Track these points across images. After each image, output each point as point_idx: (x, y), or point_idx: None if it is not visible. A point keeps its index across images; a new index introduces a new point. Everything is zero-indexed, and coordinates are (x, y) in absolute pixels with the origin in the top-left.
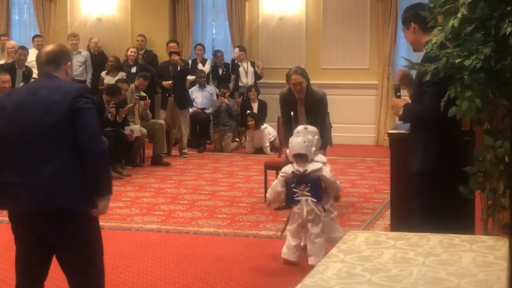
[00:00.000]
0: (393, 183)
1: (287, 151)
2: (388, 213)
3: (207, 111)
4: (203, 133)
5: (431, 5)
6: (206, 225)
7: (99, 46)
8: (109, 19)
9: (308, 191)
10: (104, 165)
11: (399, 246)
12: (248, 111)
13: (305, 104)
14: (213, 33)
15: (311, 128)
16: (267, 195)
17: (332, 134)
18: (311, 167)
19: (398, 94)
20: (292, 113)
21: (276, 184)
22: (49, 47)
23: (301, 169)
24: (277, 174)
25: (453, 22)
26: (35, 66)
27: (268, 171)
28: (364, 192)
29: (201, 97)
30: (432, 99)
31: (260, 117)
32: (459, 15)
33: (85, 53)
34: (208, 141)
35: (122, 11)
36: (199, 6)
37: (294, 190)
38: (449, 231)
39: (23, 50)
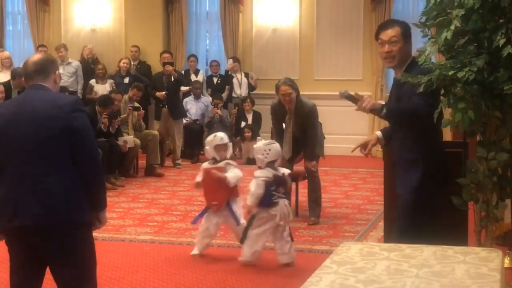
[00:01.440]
0: (386, 194)
1: (259, 157)
2: (381, 224)
3: (200, 121)
4: (197, 144)
5: (424, 18)
6: None
7: (93, 53)
8: (103, 29)
9: (284, 194)
10: (102, 180)
11: (393, 257)
12: (245, 123)
13: (295, 115)
14: (207, 44)
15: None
16: (249, 201)
17: (325, 145)
18: (285, 171)
19: (356, 96)
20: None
21: (257, 188)
22: (35, 57)
23: (279, 173)
24: (310, 184)
25: (446, 34)
26: None
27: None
28: (357, 203)
29: (195, 108)
30: (420, 97)
31: (255, 128)
32: (452, 27)
33: (75, 63)
34: (201, 152)
35: (116, 21)
36: (193, 17)
37: (273, 192)
38: (442, 243)
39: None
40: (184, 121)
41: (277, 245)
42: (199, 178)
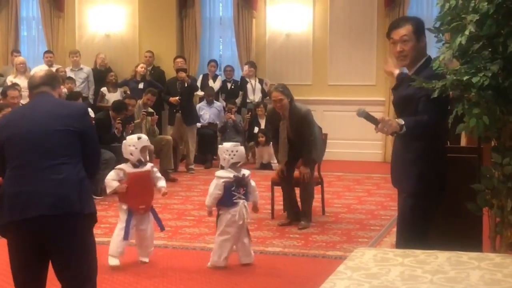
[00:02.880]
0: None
1: (225, 157)
2: (395, 230)
3: (213, 126)
4: (210, 149)
5: (438, 23)
6: (213, 241)
7: (105, 62)
8: (117, 35)
9: (244, 195)
10: (95, 178)
11: (407, 263)
12: (259, 128)
13: (289, 121)
14: (220, 50)
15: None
16: (207, 201)
17: (339, 151)
18: (246, 172)
19: (374, 117)
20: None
21: (215, 189)
22: (40, 72)
23: (240, 174)
24: (284, 189)
25: (461, 39)
26: None
27: (275, 187)
28: (371, 209)
29: (208, 113)
30: (434, 113)
31: (269, 133)
32: (467, 32)
33: (87, 69)
34: (214, 157)
35: (130, 27)
36: (207, 22)
37: (233, 193)
38: (457, 249)
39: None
40: (198, 125)
41: (238, 245)
42: (115, 184)
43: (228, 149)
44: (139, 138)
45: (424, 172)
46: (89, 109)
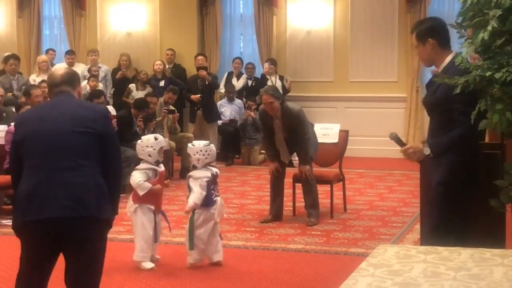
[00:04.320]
0: (422, 196)
1: (199, 157)
2: (417, 227)
3: (235, 123)
4: (231, 147)
5: (460, 18)
6: (234, 238)
7: (128, 64)
8: (138, 33)
9: (217, 192)
10: (120, 186)
11: (430, 260)
12: None
13: (282, 121)
14: (241, 47)
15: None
16: (196, 200)
17: (360, 147)
18: (216, 170)
19: (403, 142)
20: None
21: (203, 190)
22: (61, 70)
23: (214, 172)
24: (275, 187)
25: (483, 35)
26: None
27: (296, 184)
28: (393, 206)
29: (229, 110)
30: (466, 117)
31: None
32: (489, 27)
33: (105, 68)
34: (236, 156)
35: (151, 25)
36: (227, 20)
37: (212, 191)
38: (479, 246)
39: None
40: (219, 122)
41: (212, 242)
42: (149, 184)
43: (202, 149)
44: (156, 139)
45: (455, 161)
46: (110, 107)
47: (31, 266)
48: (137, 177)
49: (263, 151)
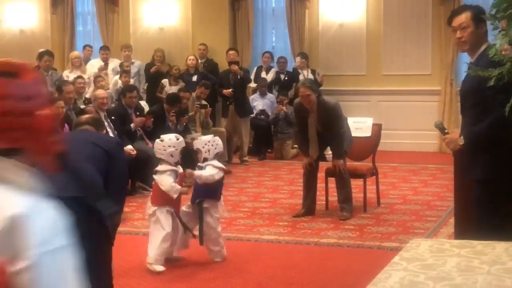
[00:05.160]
0: (456, 190)
1: (210, 148)
2: (452, 221)
3: (267, 118)
4: (264, 141)
5: (494, 10)
6: (267, 232)
7: (162, 60)
8: (171, 28)
9: None
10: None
11: (464, 254)
12: None
13: (317, 115)
14: (273, 41)
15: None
16: (209, 176)
17: (394, 141)
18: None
19: (446, 131)
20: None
21: (216, 175)
22: (86, 115)
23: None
24: (308, 182)
25: None
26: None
27: (329, 178)
28: (427, 200)
29: (262, 104)
30: (500, 107)
31: None
32: None
33: (138, 63)
34: (269, 150)
35: (184, 20)
36: (259, 14)
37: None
38: None
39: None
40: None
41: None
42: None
43: (210, 140)
44: (178, 139)
45: (494, 158)
46: (143, 102)
47: None
48: (168, 180)
49: (296, 146)
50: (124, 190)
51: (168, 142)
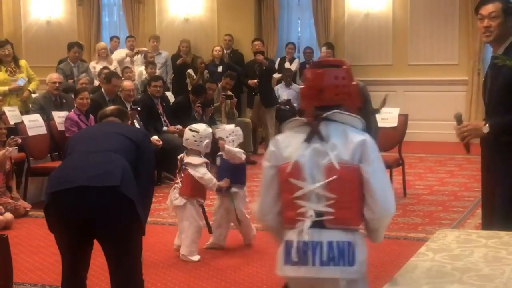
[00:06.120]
0: (484, 181)
1: (233, 138)
2: (479, 211)
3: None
4: None
5: None
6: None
7: (188, 50)
8: (196, 19)
9: None
10: (151, 196)
11: (491, 244)
12: None
13: None
14: (299, 31)
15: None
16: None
17: (420, 131)
18: None
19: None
20: None
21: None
22: (111, 107)
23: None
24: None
25: None
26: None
27: None
28: (454, 190)
29: (287, 94)
30: None
31: None
32: None
33: (165, 54)
34: None
35: (209, 11)
36: (285, 4)
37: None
38: None
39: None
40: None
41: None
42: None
43: (234, 130)
44: (209, 130)
45: None
46: (169, 93)
47: (67, 250)
48: (207, 173)
49: None
50: (152, 180)
51: (204, 133)
